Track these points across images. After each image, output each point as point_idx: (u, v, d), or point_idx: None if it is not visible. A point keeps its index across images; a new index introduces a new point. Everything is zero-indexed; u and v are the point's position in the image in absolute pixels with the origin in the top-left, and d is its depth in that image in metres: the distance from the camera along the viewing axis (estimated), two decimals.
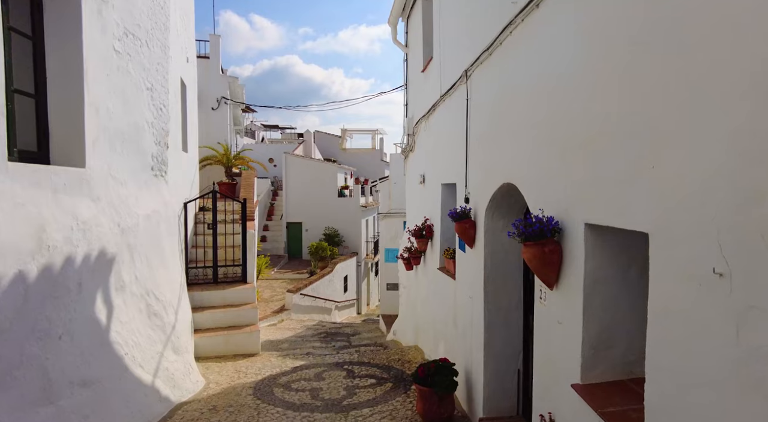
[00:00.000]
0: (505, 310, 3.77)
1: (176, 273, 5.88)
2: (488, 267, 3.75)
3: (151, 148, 5.37)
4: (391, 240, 11.85)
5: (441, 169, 5.63)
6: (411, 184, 7.88)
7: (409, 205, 8.10)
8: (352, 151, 32.91)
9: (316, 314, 15.59)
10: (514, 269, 3.76)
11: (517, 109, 3.09)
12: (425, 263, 6.67)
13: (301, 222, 22.21)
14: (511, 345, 3.78)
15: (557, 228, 2.34)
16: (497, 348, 3.78)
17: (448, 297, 5.20)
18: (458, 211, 4.06)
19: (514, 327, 3.77)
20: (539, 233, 2.32)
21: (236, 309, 6.83)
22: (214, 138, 12.24)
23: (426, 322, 6.48)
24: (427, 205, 6.50)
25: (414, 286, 7.54)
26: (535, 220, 2.38)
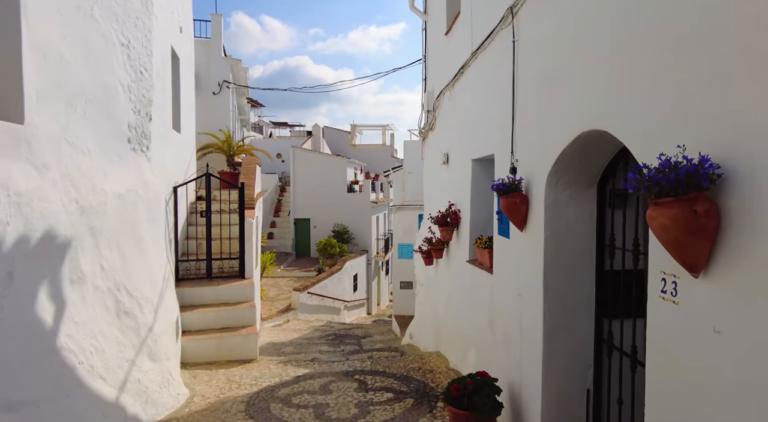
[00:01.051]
0: (572, 311, 2.84)
1: (159, 265, 5.03)
2: (549, 255, 2.83)
3: (128, 116, 4.52)
4: (405, 234, 10.94)
5: (472, 142, 4.71)
6: (431, 166, 6.96)
7: (428, 191, 7.18)
8: (361, 147, 32.09)
9: (323, 314, 14.73)
10: (583, 256, 2.83)
11: (631, 22, 2.16)
12: (449, 256, 5.75)
13: (309, 219, 21.39)
14: (580, 358, 2.85)
15: (715, 175, 1.42)
16: (561, 360, 2.85)
17: (482, 296, 4.28)
18: (506, 181, 3.14)
19: (583, 333, 2.84)
20: (685, 182, 1.39)
21: (231, 308, 5.97)
22: (215, 125, 11.43)
23: (450, 325, 5.56)
24: (452, 187, 5.58)
25: (434, 283, 6.62)
26: (673, 164, 1.45)
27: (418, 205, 10.78)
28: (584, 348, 2.85)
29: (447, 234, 5.30)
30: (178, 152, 6.93)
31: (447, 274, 5.83)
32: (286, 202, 23.40)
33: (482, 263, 4.41)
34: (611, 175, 2.74)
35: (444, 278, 5.99)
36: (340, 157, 22.25)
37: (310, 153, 23.00)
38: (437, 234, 5.98)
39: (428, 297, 7.07)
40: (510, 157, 3.42)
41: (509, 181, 3.13)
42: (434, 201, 6.64)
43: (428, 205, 7.27)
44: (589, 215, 2.82)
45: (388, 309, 22.78)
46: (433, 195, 6.81)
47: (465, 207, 4.99)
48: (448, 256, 5.80)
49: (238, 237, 6.54)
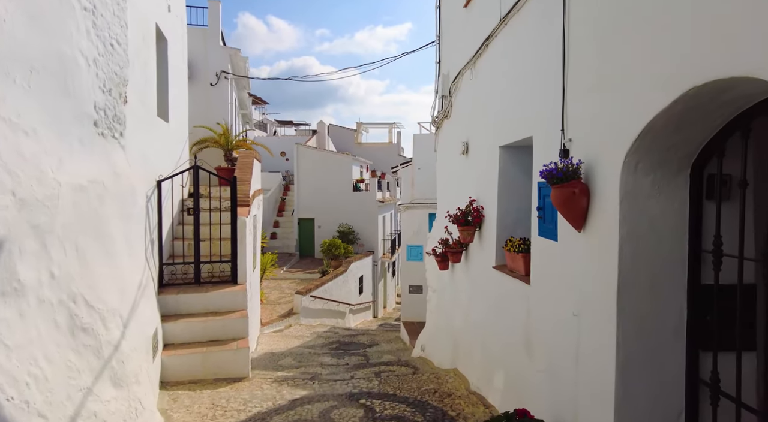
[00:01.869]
0: (656, 339, 2.09)
1: (135, 270, 4.33)
2: (626, 263, 2.08)
3: (94, 95, 3.82)
4: (415, 235, 10.20)
5: (500, 125, 3.97)
6: (446, 159, 6.22)
7: (443, 187, 6.44)
8: (367, 145, 31.38)
9: (327, 318, 14.03)
10: (672, 265, 2.09)
11: None
12: (469, 260, 5.01)
13: (314, 219, 20.70)
14: (667, 401, 2.11)
15: None
16: (641, 405, 2.10)
17: (515, 310, 3.54)
18: (560, 167, 2.39)
19: (672, 369, 2.10)
20: None
21: (221, 318, 5.26)
22: (213, 118, 10.76)
23: (471, 340, 4.83)
24: (473, 181, 4.84)
25: (450, 290, 5.88)
26: None
27: (429, 204, 10.05)
28: (673, 390, 2.10)
29: (467, 236, 4.56)
30: (166, 143, 6.25)
31: (466, 281, 5.09)
32: (290, 201, 22.74)
33: (514, 270, 3.67)
34: (711, 155, 2.00)
35: (462, 285, 5.25)
36: (345, 155, 21.55)
37: (315, 150, 22.31)
38: (455, 235, 5.24)
39: (442, 305, 6.33)
40: (559, 136, 2.68)
41: (565, 166, 2.39)
42: (450, 197, 5.91)
43: (442, 202, 6.54)
44: (679, 209, 2.08)
45: (395, 312, 22.05)
46: (448, 190, 6.07)
47: (490, 203, 4.25)
48: (467, 260, 5.06)
49: (230, 238, 5.83)
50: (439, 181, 6.76)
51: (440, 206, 6.69)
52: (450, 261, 5.23)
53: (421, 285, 10.21)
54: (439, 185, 6.77)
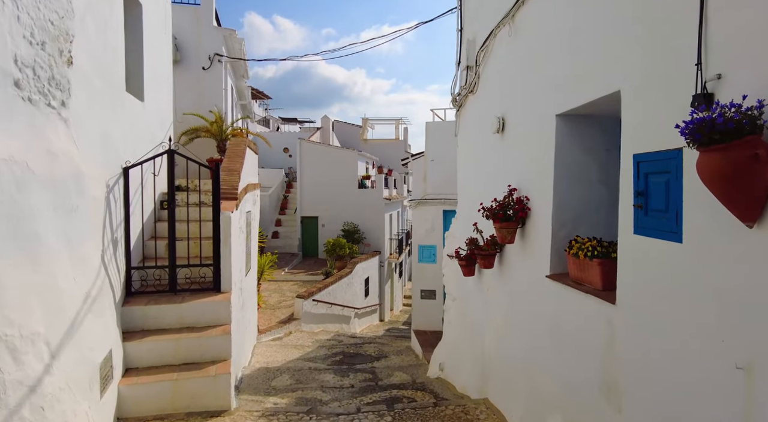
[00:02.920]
0: None
1: (78, 279, 3.36)
2: None
3: (12, 44, 2.85)
4: (427, 234, 9.20)
5: (560, 85, 2.96)
6: (471, 141, 5.20)
7: (467, 177, 5.42)
8: (373, 142, 30.41)
9: (331, 323, 13.05)
10: None
11: None
12: (505, 266, 4.00)
13: (317, 217, 19.73)
14: None
15: None
16: None
17: (586, 338, 2.53)
18: (727, 116, 1.38)
19: None
20: None
21: (197, 335, 4.28)
22: (206, 106, 9.81)
23: (510, 368, 3.82)
24: (513, 165, 3.83)
25: (477, 302, 4.87)
26: None
27: (443, 199, 9.04)
28: None
29: (507, 235, 3.55)
30: (139, 126, 5.28)
31: (502, 293, 4.08)
32: (293, 199, 21.80)
33: (583, 282, 2.66)
34: None
35: (496, 297, 4.24)
36: (350, 150, 20.55)
37: (319, 145, 21.33)
38: (486, 234, 4.24)
39: (466, 318, 5.32)
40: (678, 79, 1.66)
41: (736, 113, 1.37)
42: (477, 188, 4.90)
43: (466, 195, 5.53)
44: None
45: (402, 315, 21.04)
46: (475, 180, 5.06)
47: (540, 192, 3.24)
48: (503, 266, 4.05)
49: (213, 237, 4.85)
50: (461, 170, 5.75)
51: (462, 200, 5.68)
52: (479, 266, 4.22)
53: (434, 290, 9.21)
54: (460, 175, 5.76)
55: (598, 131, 3.04)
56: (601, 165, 3.05)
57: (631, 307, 2.17)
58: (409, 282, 27.32)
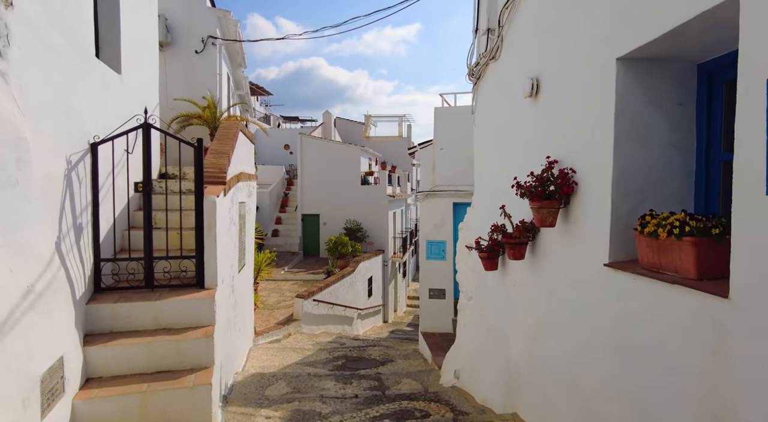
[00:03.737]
0: None
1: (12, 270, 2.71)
2: None
3: None
4: (436, 229, 8.54)
5: (623, 19, 2.30)
6: (494, 115, 4.53)
7: (488, 157, 4.75)
8: (376, 139, 29.77)
9: (333, 325, 12.41)
10: None
11: None
12: (540, 255, 3.35)
13: (318, 215, 19.10)
14: None
15: None
16: None
17: (678, 346, 1.88)
18: None
19: None
20: None
21: (174, 338, 3.63)
22: (198, 92, 9.19)
23: (547, 380, 3.16)
24: (551, 132, 3.17)
25: (500, 300, 4.21)
26: None
27: (452, 192, 8.38)
28: None
29: (548, 215, 2.89)
30: (113, 100, 4.65)
31: (534, 287, 3.42)
32: (293, 196, 21.18)
33: (662, 269, 2.01)
34: None
35: (526, 293, 3.58)
36: (353, 146, 19.92)
37: (320, 140, 20.70)
38: (515, 219, 3.58)
39: (486, 318, 4.66)
40: None
41: None
42: (501, 167, 4.25)
43: (484, 178, 4.88)
44: None
45: (407, 316, 20.38)
46: (497, 159, 4.39)
47: (594, 160, 2.59)
48: (536, 255, 3.39)
49: (195, 226, 4.20)
50: (479, 151, 5.09)
51: (481, 185, 5.03)
52: (508, 256, 3.55)
53: (443, 289, 8.55)
54: (478, 157, 5.11)
55: (671, 81, 2.38)
56: (673, 123, 2.40)
57: (755, 304, 1.51)
58: (413, 282, 26.67)
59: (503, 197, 4.01)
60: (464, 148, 8.28)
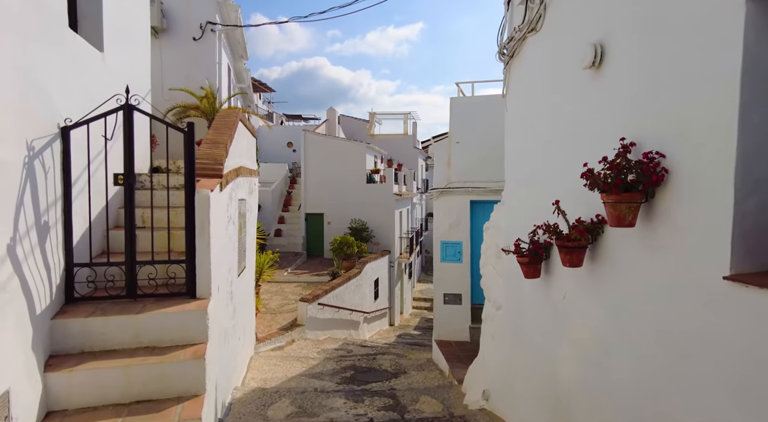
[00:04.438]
0: None
1: None
2: None
3: None
4: (452, 229, 7.91)
5: None
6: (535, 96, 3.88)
7: (525, 145, 4.10)
8: (381, 137, 29.14)
9: (339, 330, 11.80)
10: None
11: None
12: (599, 262, 2.71)
13: (323, 214, 18.50)
14: None
15: None
16: None
17: None
18: None
19: None
20: None
21: (157, 360, 3.03)
22: (196, 82, 8.59)
23: (615, 408, 2.53)
24: (626, 108, 2.53)
25: (544, 312, 3.58)
26: None
27: (469, 188, 7.76)
28: None
29: (627, 212, 2.25)
30: (93, 82, 4.06)
31: (595, 301, 2.79)
32: (297, 195, 20.58)
33: None
34: None
35: (581, 307, 2.95)
36: (358, 143, 19.29)
37: (325, 137, 20.09)
38: (570, 216, 2.95)
39: (521, 332, 4.03)
40: None
41: None
42: (546, 156, 3.61)
43: (519, 170, 4.24)
44: None
45: (413, 319, 19.75)
46: (540, 146, 3.75)
47: (705, 140, 1.95)
48: (599, 262, 2.76)
49: (186, 226, 3.59)
50: (512, 139, 4.45)
51: (515, 178, 4.39)
52: (564, 263, 2.91)
53: (459, 294, 7.92)
54: (512, 146, 4.47)
55: None
56: None
57: None
58: (418, 283, 26.04)
59: (546, 192, 3.38)
60: (483, 140, 7.66)
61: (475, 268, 8.07)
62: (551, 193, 3.23)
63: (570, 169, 3.03)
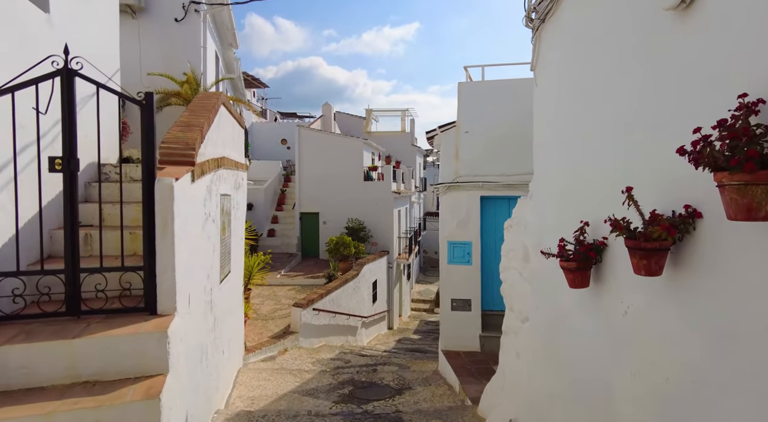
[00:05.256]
0: None
1: None
2: None
3: None
4: (460, 227, 7.18)
5: None
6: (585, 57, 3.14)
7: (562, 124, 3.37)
8: (377, 134, 28.35)
9: (335, 336, 11.06)
10: None
11: None
12: (694, 270, 1.99)
13: (318, 213, 17.73)
14: None
15: None
16: None
17: None
18: None
19: None
20: None
21: (93, 403, 2.27)
22: (179, 68, 7.82)
23: None
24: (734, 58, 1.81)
25: (599, 333, 2.85)
26: None
27: (480, 183, 7.04)
28: None
29: (763, 197, 1.54)
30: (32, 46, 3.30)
31: (681, 321, 2.06)
32: (291, 193, 19.80)
33: None
34: None
35: (654, 327, 2.22)
36: (355, 138, 18.53)
37: (320, 133, 19.32)
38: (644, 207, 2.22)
39: (560, 352, 3.30)
40: None
41: None
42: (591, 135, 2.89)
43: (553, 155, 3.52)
44: None
45: (412, 322, 19.03)
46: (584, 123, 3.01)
47: None
48: (689, 269, 2.03)
49: (143, 223, 2.83)
50: (543, 119, 3.72)
51: (547, 168, 3.67)
52: (637, 269, 2.18)
53: (469, 300, 7.20)
54: (543, 127, 3.74)
55: None
56: None
57: None
58: (417, 284, 25.32)
59: (598, 179, 2.67)
60: (495, 130, 6.94)
61: (485, 271, 7.36)
62: (607, 181, 2.51)
63: (639, 149, 2.32)
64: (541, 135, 3.77)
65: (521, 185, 6.58)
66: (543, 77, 3.68)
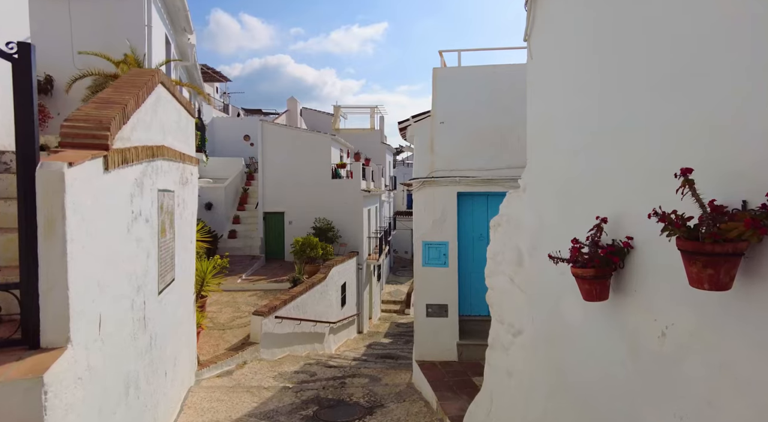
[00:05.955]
0: None
1: None
2: None
3: None
4: (436, 226, 6.60)
5: None
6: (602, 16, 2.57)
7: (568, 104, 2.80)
8: (346, 131, 27.63)
9: (300, 345, 10.30)
10: None
11: None
12: None
13: (283, 213, 16.86)
14: None
15: None
16: None
17: None
18: None
19: None
20: None
21: None
22: (119, 50, 6.89)
23: None
24: None
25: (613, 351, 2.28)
26: None
27: (457, 178, 6.47)
28: None
29: None
30: None
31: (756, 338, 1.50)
32: (254, 192, 18.82)
33: None
34: None
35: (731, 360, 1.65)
36: (322, 134, 17.74)
37: (285, 128, 18.42)
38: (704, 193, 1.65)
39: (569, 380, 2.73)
40: None
41: None
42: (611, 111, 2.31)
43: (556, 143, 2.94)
44: None
45: (382, 324, 18.42)
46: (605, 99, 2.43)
47: None
48: None
49: (20, 229, 2.07)
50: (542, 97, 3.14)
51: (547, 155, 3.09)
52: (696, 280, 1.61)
53: (445, 305, 6.62)
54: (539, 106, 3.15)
55: None
56: None
57: None
58: (387, 285, 24.74)
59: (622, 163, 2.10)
60: (474, 121, 6.39)
61: (463, 273, 6.80)
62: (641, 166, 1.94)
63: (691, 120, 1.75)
64: (538, 117, 3.19)
65: (502, 180, 6.06)
66: (541, 48, 3.10)
